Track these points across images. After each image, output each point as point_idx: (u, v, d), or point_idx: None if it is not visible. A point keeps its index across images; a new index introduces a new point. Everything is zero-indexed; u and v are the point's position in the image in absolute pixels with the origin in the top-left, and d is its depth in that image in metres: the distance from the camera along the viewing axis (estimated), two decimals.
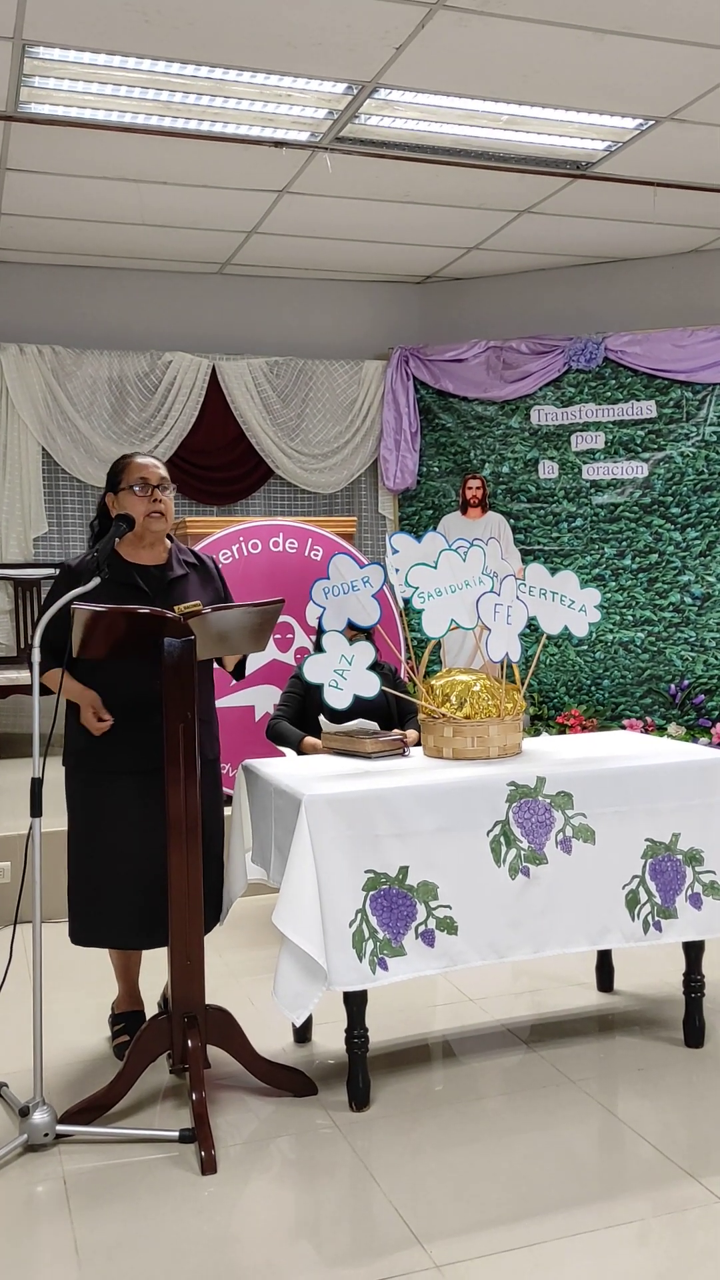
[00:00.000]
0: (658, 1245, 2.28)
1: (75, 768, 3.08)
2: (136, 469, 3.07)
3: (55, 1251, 2.30)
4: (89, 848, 3.05)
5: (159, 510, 3.05)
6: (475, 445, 7.37)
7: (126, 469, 3.08)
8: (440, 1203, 2.44)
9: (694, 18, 4.17)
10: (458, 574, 3.13)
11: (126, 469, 3.08)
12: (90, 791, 3.05)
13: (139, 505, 3.03)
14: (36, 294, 7.01)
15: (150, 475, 3.06)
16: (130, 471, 3.07)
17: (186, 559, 3.19)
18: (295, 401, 7.39)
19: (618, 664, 7.10)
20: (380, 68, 4.52)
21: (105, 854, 3.02)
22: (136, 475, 3.06)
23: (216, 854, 3.12)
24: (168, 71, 4.52)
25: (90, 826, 3.05)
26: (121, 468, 3.10)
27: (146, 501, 3.03)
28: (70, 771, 3.10)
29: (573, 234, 6.72)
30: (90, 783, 3.05)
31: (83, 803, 3.07)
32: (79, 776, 3.07)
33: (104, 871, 3.02)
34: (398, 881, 2.78)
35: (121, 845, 3.00)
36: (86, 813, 3.06)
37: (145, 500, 3.03)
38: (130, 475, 3.06)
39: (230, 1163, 2.61)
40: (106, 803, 3.02)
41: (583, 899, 2.96)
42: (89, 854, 3.04)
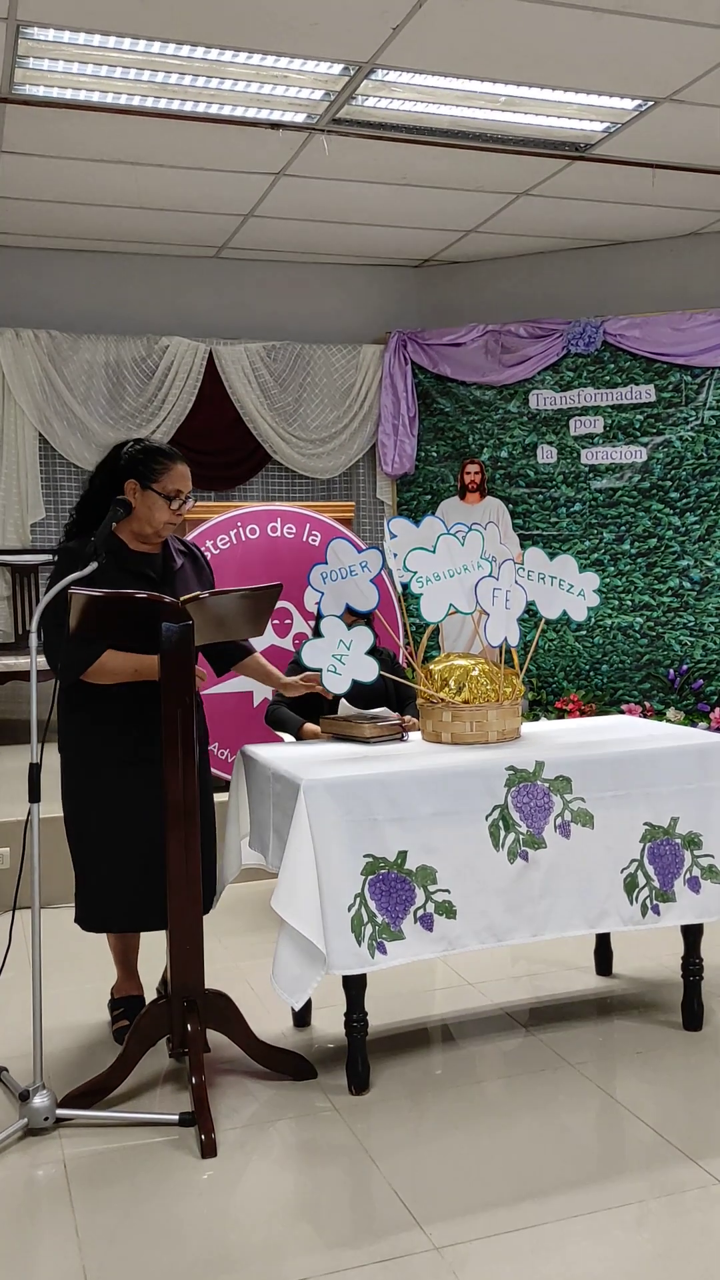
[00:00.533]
0: (656, 1226, 2.29)
1: (77, 758, 3.07)
2: (178, 478, 3.01)
3: (56, 1234, 2.31)
4: (98, 836, 3.02)
5: (177, 521, 3.04)
6: (473, 430, 7.34)
7: (167, 473, 3.00)
8: (439, 1185, 2.45)
9: None
10: (456, 558, 3.13)
11: (167, 473, 3.00)
12: (96, 783, 3.03)
13: (163, 512, 3.00)
14: (32, 278, 6.97)
15: (186, 488, 3.03)
16: (171, 478, 3.00)
17: (178, 547, 3.18)
18: (293, 386, 7.37)
19: (616, 649, 7.09)
20: (377, 48, 4.49)
21: (114, 840, 3.01)
22: (175, 486, 3.00)
23: (209, 838, 3.12)
24: (163, 53, 4.48)
25: (98, 814, 3.02)
26: (161, 469, 2.99)
27: (170, 512, 3.01)
28: (70, 762, 3.07)
29: (571, 216, 6.69)
30: (96, 774, 3.03)
31: (88, 793, 3.04)
32: (82, 766, 3.05)
33: (112, 857, 3.01)
34: (396, 866, 2.79)
35: (131, 830, 3.00)
36: (93, 803, 3.03)
37: (171, 513, 3.01)
38: (169, 481, 2.99)
39: (230, 1146, 2.62)
40: (115, 792, 3.01)
41: (581, 883, 2.96)
42: (97, 841, 3.03)
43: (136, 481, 2.99)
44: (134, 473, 3.00)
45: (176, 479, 3.01)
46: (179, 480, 3.01)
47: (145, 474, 2.99)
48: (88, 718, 3.02)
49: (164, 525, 3.02)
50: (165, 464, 3.01)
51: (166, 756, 2.75)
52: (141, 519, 3.01)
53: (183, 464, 3.04)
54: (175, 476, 3.01)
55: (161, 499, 2.98)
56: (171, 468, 3.01)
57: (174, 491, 2.99)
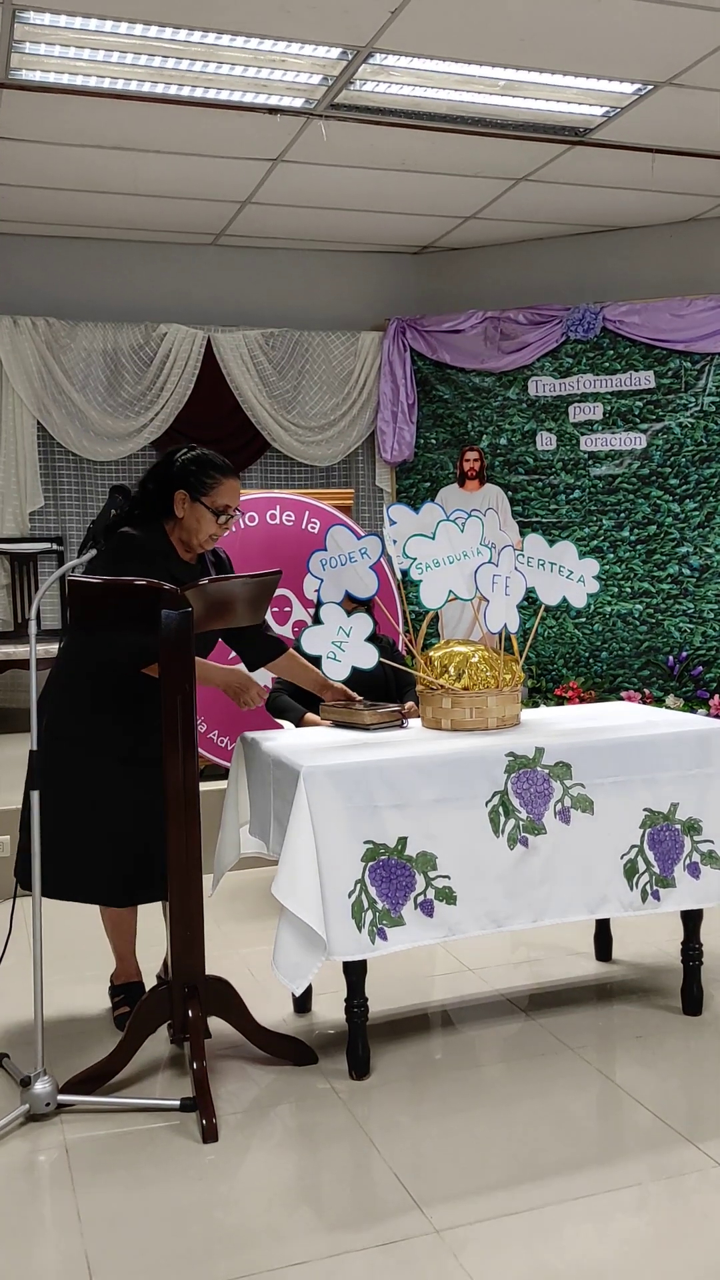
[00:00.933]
0: (656, 1209, 2.30)
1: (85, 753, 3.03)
2: (228, 493, 3.01)
3: (58, 1220, 2.32)
4: (77, 810, 3.02)
5: (222, 534, 3.05)
6: (473, 417, 7.33)
7: (220, 488, 3.00)
8: (440, 1168, 2.46)
9: None
10: (456, 545, 3.12)
11: (220, 488, 3.00)
12: (89, 768, 3.03)
13: (210, 526, 3.00)
14: (29, 265, 6.94)
15: (235, 504, 3.03)
16: (223, 493, 3.00)
17: (209, 557, 3.20)
18: (291, 373, 7.35)
19: (616, 636, 7.09)
20: (375, 32, 4.46)
21: (94, 818, 3.02)
22: (225, 501, 3.00)
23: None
24: (160, 37, 4.46)
25: (84, 795, 3.02)
26: (213, 483, 2.99)
27: (218, 527, 3.02)
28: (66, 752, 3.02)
29: (570, 202, 6.66)
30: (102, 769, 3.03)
31: (78, 776, 3.04)
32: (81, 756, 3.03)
33: (89, 831, 3.02)
34: (396, 852, 2.79)
35: (115, 812, 3.01)
36: (80, 784, 3.02)
37: (218, 526, 3.02)
38: (220, 497, 2.99)
39: (231, 1130, 2.63)
40: (122, 787, 3.02)
41: (581, 869, 2.97)
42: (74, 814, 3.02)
43: (186, 493, 2.99)
44: (185, 484, 3.00)
45: (226, 494, 3.01)
46: (229, 495, 3.01)
47: (196, 486, 2.99)
48: (100, 711, 3.02)
49: (208, 539, 3.03)
50: (217, 478, 3.01)
51: (166, 744, 2.75)
52: (188, 530, 3.02)
53: (234, 478, 3.04)
54: (225, 491, 3.00)
55: (210, 513, 2.99)
56: (222, 482, 3.00)
57: (223, 507, 3.00)
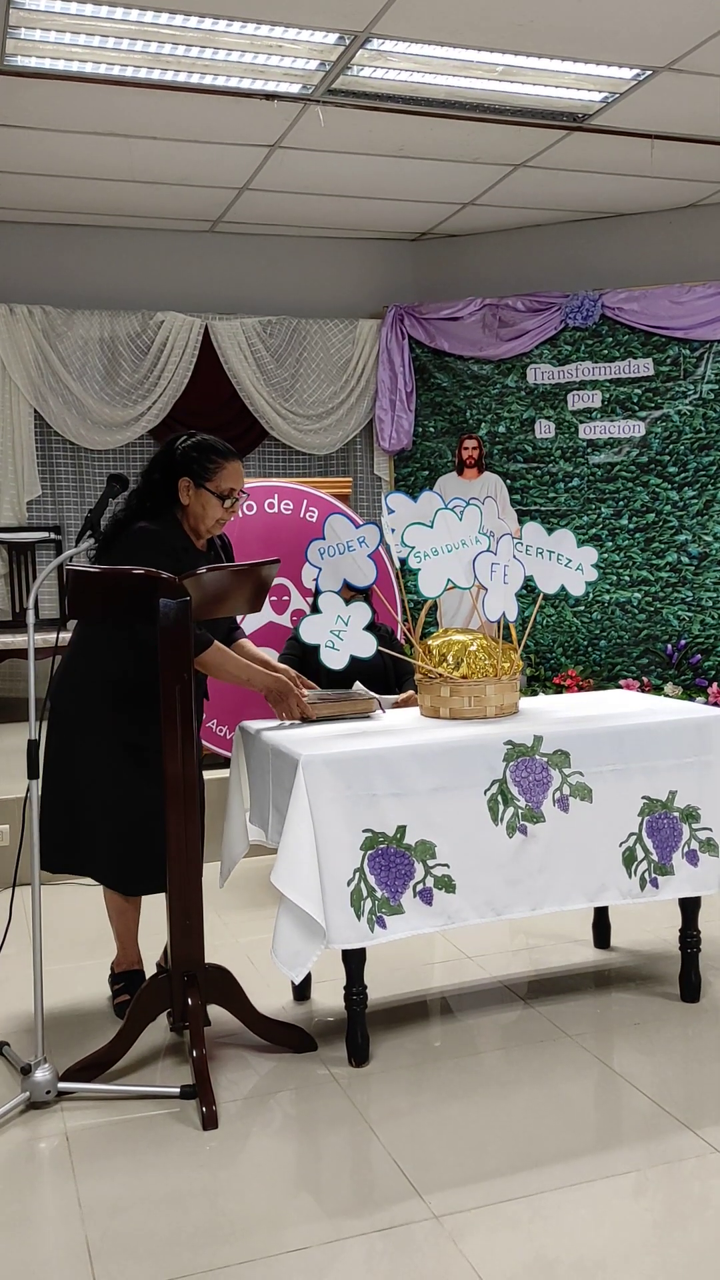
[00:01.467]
0: (654, 1195, 2.31)
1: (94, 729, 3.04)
2: (231, 476, 3.01)
3: (59, 1207, 2.33)
4: (84, 793, 3.05)
5: (229, 519, 3.06)
6: (471, 405, 7.31)
7: (222, 472, 3.00)
8: (439, 1155, 2.47)
9: None
10: (454, 533, 3.12)
11: (222, 472, 3.00)
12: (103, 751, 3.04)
13: (216, 511, 3.01)
14: (25, 253, 6.91)
15: (239, 486, 3.04)
16: (226, 477, 3.00)
17: (214, 540, 3.21)
18: (289, 361, 7.33)
19: (615, 624, 7.09)
20: (372, 17, 4.43)
21: (101, 801, 3.04)
22: (229, 485, 3.01)
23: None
24: (156, 22, 4.43)
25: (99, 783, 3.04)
26: (215, 469, 3.00)
27: (225, 511, 3.02)
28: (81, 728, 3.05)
29: (569, 188, 6.63)
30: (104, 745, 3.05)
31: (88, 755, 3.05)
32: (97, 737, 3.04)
33: (103, 817, 3.04)
34: (395, 840, 2.79)
35: (129, 800, 3.03)
36: (95, 771, 3.04)
37: (224, 510, 3.02)
38: (224, 481, 3.00)
39: (231, 1118, 2.64)
40: (117, 763, 3.04)
41: (580, 857, 2.97)
42: (82, 798, 3.05)
43: (190, 480, 3.00)
44: (188, 470, 3.00)
45: (230, 477, 3.01)
46: (232, 478, 3.01)
47: (199, 472, 3.00)
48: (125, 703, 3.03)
49: (215, 524, 3.04)
50: (219, 462, 3.01)
51: (165, 734, 2.75)
52: (195, 516, 3.03)
53: (236, 460, 3.04)
54: (229, 475, 3.01)
55: (215, 498, 3.00)
56: (225, 466, 3.01)
57: (227, 490, 3.00)
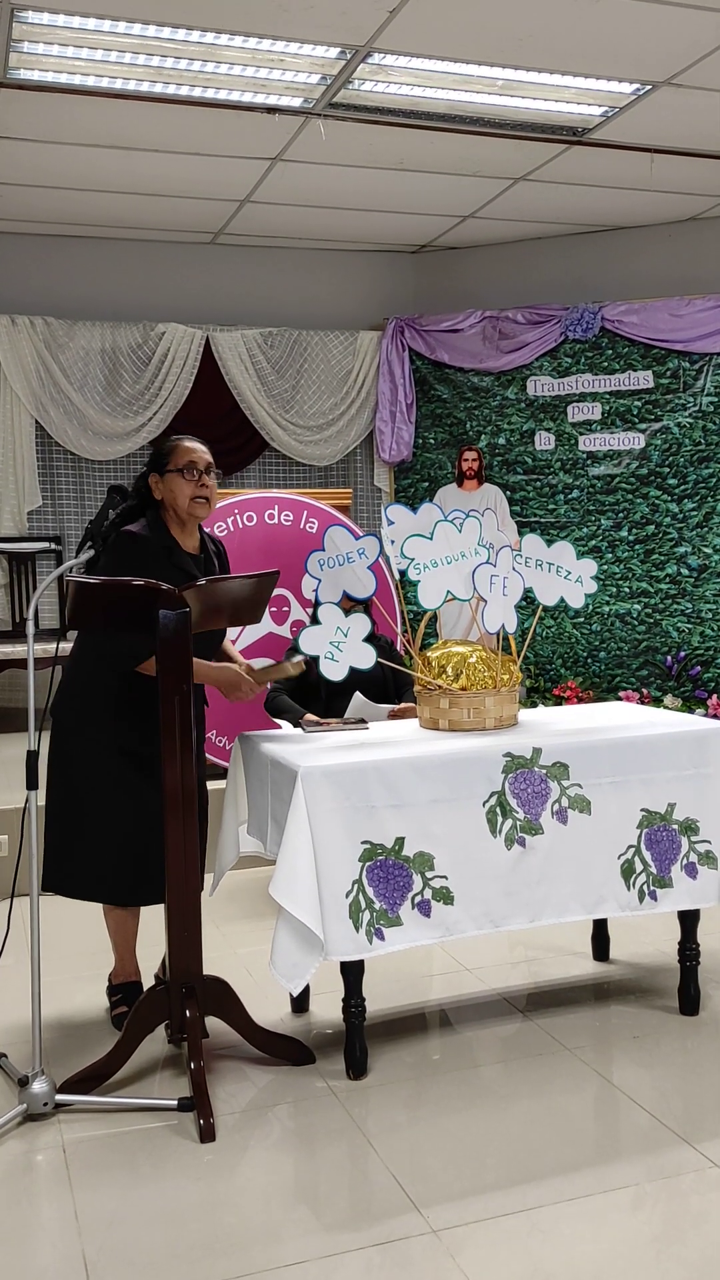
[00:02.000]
0: (653, 1209, 2.30)
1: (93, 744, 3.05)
2: (185, 452, 3.05)
3: (56, 1219, 2.32)
4: (82, 803, 3.05)
5: (204, 495, 3.05)
6: (471, 417, 7.33)
7: (175, 451, 3.05)
8: (437, 1169, 2.46)
9: None
10: (454, 545, 3.12)
11: (175, 451, 3.05)
12: (107, 769, 3.04)
13: (186, 489, 3.03)
14: (27, 264, 6.94)
15: (199, 460, 3.05)
16: (179, 454, 3.04)
17: (211, 548, 3.22)
18: (290, 373, 7.35)
19: (614, 636, 7.09)
20: (374, 32, 4.46)
21: (99, 811, 3.04)
22: (185, 459, 3.03)
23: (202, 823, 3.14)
24: (158, 36, 4.45)
25: (93, 793, 3.05)
26: (170, 450, 3.06)
27: (194, 486, 3.03)
28: (80, 739, 3.07)
29: (569, 202, 6.66)
30: (108, 761, 3.04)
31: (87, 766, 3.06)
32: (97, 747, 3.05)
33: (97, 828, 3.04)
34: (394, 852, 2.79)
35: (122, 810, 3.03)
36: (89, 782, 3.05)
37: (193, 484, 3.03)
38: (179, 458, 3.04)
39: (229, 1131, 2.63)
40: (128, 781, 3.04)
41: (579, 869, 2.97)
42: (80, 808, 3.05)
43: (155, 474, 3.06)
44: (153, 467, 3.08)
45: (184, 453, 3.05)
46: (187, 454, 3.05)
47: (159, 463, 3.07)
48: (111, 706, 3.04)
49: (191, 502, 3.04)
50: (172, 444, 3.09)
51: (164, 743, 2.76)
52: (171, 504, 3.06)
53: (190, 440, 3.10)
54: (182, 451, 3.06)
55: (178, 476, 3.03)
56: (177, 445, 3.08)
57: (185, 464, 3.03)
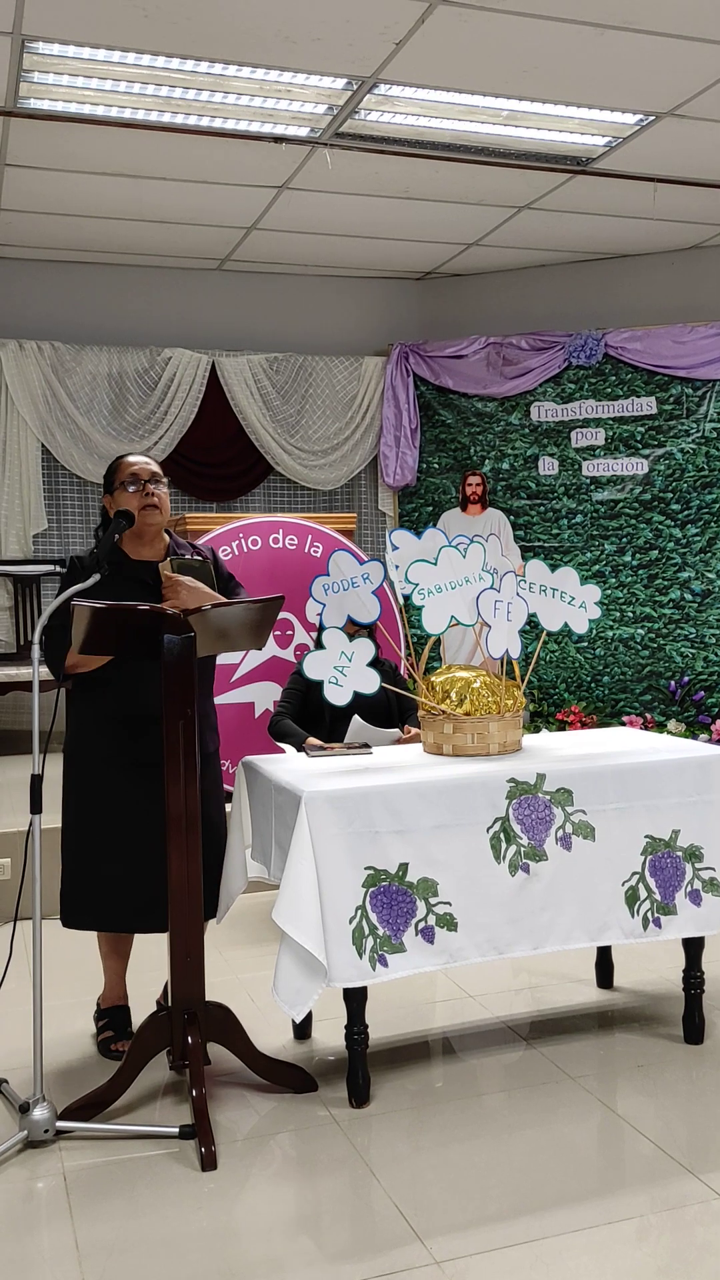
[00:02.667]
0: (657, 1241, 2.28)
1: (79, 759, 3.10)
2: (127, 466, 3.12)
3: (56, 1248, 2.31)
4: (83, 832, 3.07)
5: (153, 504, 3.08)
6: (475, 442, 7.36)
7: (119, 468, 3.13)
8: (440, 1199, 2.44)
9: (694, 12, 4.16)
10: (458, 570, 3.13)
11: (119, 468, 3.13)
12: (88, 781, 3.07)
13: (133, 501, 3.08)
14: (35, 290, 7.00)
15: (141, 471, 3.10)
16: (122, 470, 3.12)
17: (185, 553, 3.20)
18: (295, 398, 7.39)
19: (618, 660, 7.09)
20: (380, 63, 4.51)
21: (99, 837, 3.05)
22: (128, 472, 3.10)
23: (218, 847, 3.13)
24: (167, 67, 4.51)
25: (86, 812, 3.07)
26: (114, 468, 3.15)
27: (140, 496, 3.08)
28: (70, 761, 3.12)
29: (573, 230, 6.71)
30: (93, 774, 3.07)
31: (79, 790, 3.09)
32: (82, 768, 3.09)
33: (96, 854, 3.05)
34: (397, 878, 2.78)
35: (116, 830, 3.04)
36: (82, 799, 3.08)
37: (139, 495, 3.08)
38: (122, 473, 3.11)
39: (230, 1159, 2.61)
40: (105, 791, 3.05)
41: (583, 895, 2.96)
42: (83, 838, 3.07)
43: (107, 495, 3.16)
44: (105, 491, 3.17)
45: (125, 467, 3.12)
46: (128, 467, 3.12)
47: (108, 483, 3.15)
48: (91, 719, 3.07)
49: (141, 512, 3.07)
50: (116, 462, 3.16)
51: (168, 767, 2.76)
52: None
53: (134, 456, 3.17)
54: (125, 466, 3.13)
55: (124, 491, 3.09)
56: (120, 462, 3.15)
57: (129, 477, 3.09)
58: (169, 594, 2.98)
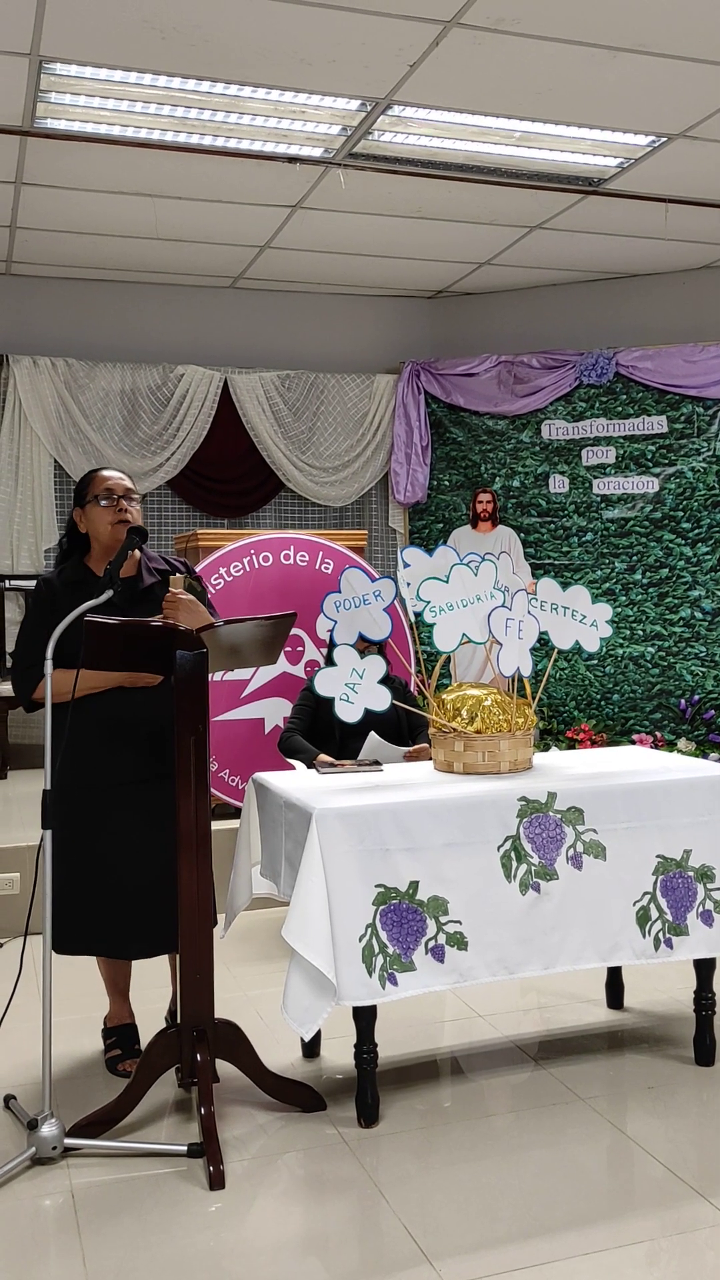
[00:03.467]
0: (667, 1265, 2.26)
1: (61, 778, 3.05)
2: (100, 481, 3.11)
3: (63, 1265, 2.30)
4: (72, 856, 3.03)
5: (125, 519, 3.08)
6: (486, 459, 7.38)
7: (91, 482, 3.12)
8: (449, 1220, 2.43)
9: (705, 35, 4.19)
10: (469, 588, 3.14)
11: (91, 482, 3.12)
12: (71, 805, 3.01)
13: (105, 516, 3.07)
14: (50, 307, 7.05)
15: (115, 486, 3.10)
16: (96, 484, 3.11)
17: (157, 566, 3.21)
18: (306, 415, 7.42)
19: (628, 679, 7.08)
20: (394, 85, 4.55)
21: (86, 864, 3.01)
22: (102, 486, 3.10)
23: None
24: (183, 88, 4.55)
25: (71, 838, 3.02)
26: (87, 482, 3.13)
27: (112, 511, 3.08)
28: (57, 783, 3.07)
29: (584, 250, 6.74)
30: (71, 796, 3.01)
31: (63, 815, 3.04)
32: (61, 790, 3.05)
33: (86, 880, 3.01)
34: (408, 896, 2.78)
35: (105, 855, 3.01)
36: (67, 825, 3.03)
37: (111, 510, 3.08)
38: (95, 487, 3.10)
39: (238, 1177, 2.60)
40: (88, 815, 3.03)
41: (593, 915, 2.95)
42: (69, 864, 3.03)
43: (78, 508, 3.14)
44: (76, 504, 3.15)
45: (99, 482, 3.11)
46: (103, 482, 3.11)
47: (80, 497, 3.14)
48: (69, 741, 3.01)
49: (113, 528, 3.06)
50: (89, 476, 3.15)
51: (179, 783, 2.76)
52: (94, 535, 3.11)
53: (108, 470, 3.16)
54: (98, 481, 3.11)
55: (96, 506, 3.08)
56: (94, 476, 3.14)
57: (103, 492, 3.08)
58: (169, 612, 2.95)
